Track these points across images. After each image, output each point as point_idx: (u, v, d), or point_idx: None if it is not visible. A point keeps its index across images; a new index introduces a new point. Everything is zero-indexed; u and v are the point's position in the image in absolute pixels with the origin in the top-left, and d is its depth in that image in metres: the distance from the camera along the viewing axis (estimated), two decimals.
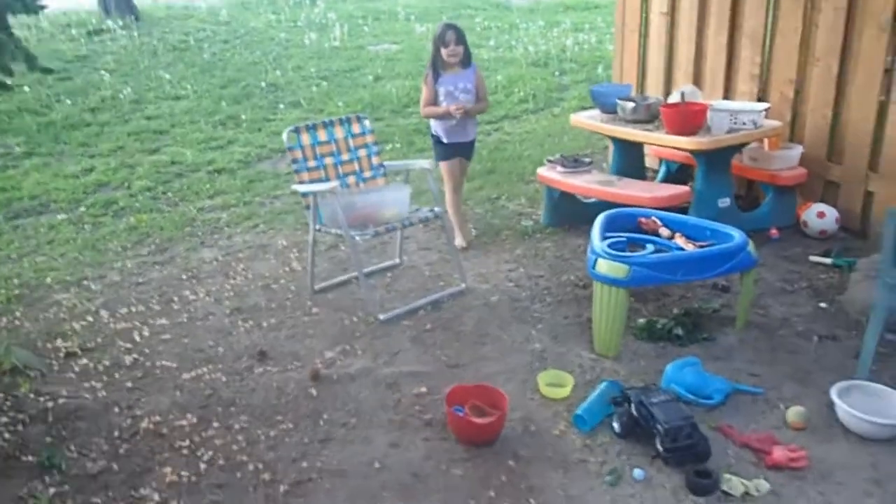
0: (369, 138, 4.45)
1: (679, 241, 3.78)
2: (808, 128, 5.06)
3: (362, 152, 4.42)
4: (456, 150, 4.75)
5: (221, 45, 10.36)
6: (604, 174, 5.10)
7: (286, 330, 3.98)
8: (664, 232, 3.90)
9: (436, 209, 4.24)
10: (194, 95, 8.72)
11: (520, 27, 11.92)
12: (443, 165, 4.82)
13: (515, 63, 10.27)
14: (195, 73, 9.36)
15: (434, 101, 4.58)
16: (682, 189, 4.58)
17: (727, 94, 5.50)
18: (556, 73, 9.97)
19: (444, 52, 4.39)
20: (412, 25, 11.69)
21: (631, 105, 4.92)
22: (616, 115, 5.12)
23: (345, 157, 4.35)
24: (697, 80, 5.69)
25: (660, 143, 4.80)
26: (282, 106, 8.56)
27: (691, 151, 4.65)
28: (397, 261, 4.75)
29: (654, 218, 3.96)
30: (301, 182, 4.16)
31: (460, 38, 4.41)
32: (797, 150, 4.98)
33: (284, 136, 4.19)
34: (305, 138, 4.22)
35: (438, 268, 4.69)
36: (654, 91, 5.99)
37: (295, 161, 4.17)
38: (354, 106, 8.58)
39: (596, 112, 5.33)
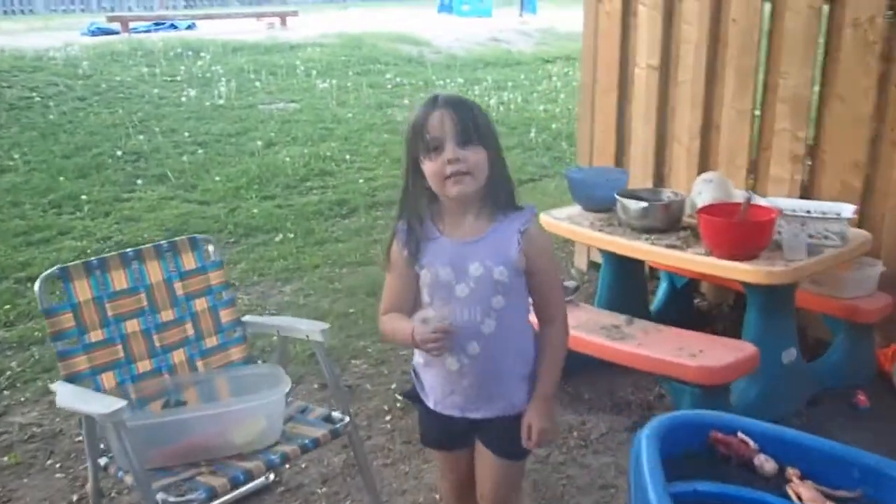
0: (215, 277, 2.42)
1: (804, 493, 1.89)
2: (887, 234, 3.32)
3: (201, 304, 2.37)
4: (455, 432, 1.86)
5: (75, 104, 8.11)
6: (603, 313, 3.17)
7: None
8: (766, 465, 1.99)
9: (335, 415, 2.22)
10: (25, 168, 6.46)
11: (436, 84, 10.13)
12: (437, 457, 2.05)
13: None
14: (33, 138, 7.09)
15: (406, 302, 1.80)
16: (747, 351, 2.69)
17: (754, 182, 3.74)
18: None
19: (429, 167, 1.69)
20: (313, 81, 9.74)
21: (640, 206, 3.06)
22: (610, 215, 3.28)
23: (166, 315, 2.29)
24: (705, 162, 3.92)
25: (702, 271, 2.95)
26: (140, 181, 6.39)
27: (746, 284, 2.82)
28: (272, 477, 2.70)
29: (741, 436, 2.07)
30: (69, 375, 2.08)
31: (469, 129, 1.67)
32: (876, 270, 3.23)
33: (37, 286, 2.12)
34: (82, 289, 2.15)
35: (340, 490, 2.65)
36: (640, 177, 4.17)
37: (59, 337, 2.09)
38: (237, 180, 6.50)
39: (576, 209, 3.47)
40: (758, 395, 2.83)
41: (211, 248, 2.42)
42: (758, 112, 3.70)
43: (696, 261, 2.79)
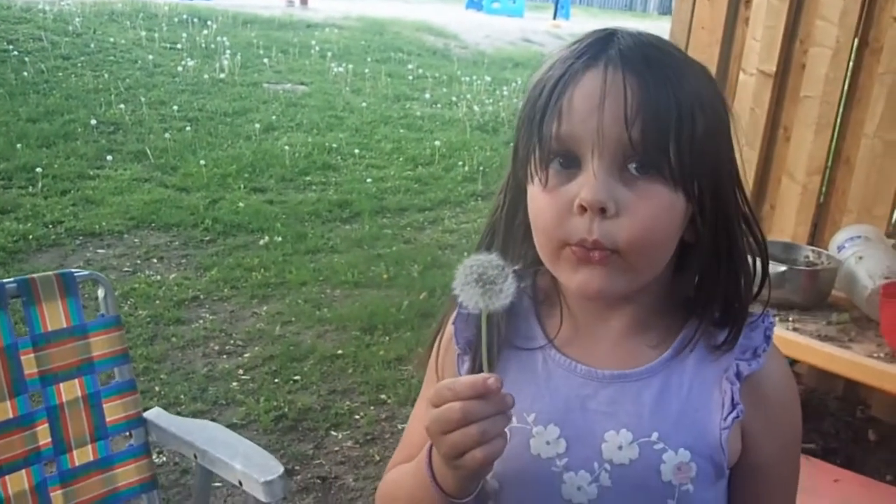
0: (101, 344, 1.38)
1: None
2: None
3: (69, 391, 1.34)
4: None
5: (57, 62, 7.08)
6: None
7: None
8: None
9: None
10: None
11: (462, 81, 9.11)
12: None
13: (457, 124, 7.42)
14: None
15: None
16: None
17: None
18: (510, 144, 7.16)
19: (537, 203, 0.75)
20: (328, 64, 8.72)
21: (777, 271, 2.03)
22: None
23: (0, 411, 1.29)
24: (826, 206, 2.90)
25: (885, 387, 1.92)
26: (111, 157, 5.38)
27: None
28: None
29: None
30: None
31: (663, 136, 0.68)
32: None
33: None
34: None
35: None
36: None
37: None
38: (225, 166, 5.49)
39: None
40: None
41: (101, 291, 1.39)
42: None
43: (875, 370, 1.75)
